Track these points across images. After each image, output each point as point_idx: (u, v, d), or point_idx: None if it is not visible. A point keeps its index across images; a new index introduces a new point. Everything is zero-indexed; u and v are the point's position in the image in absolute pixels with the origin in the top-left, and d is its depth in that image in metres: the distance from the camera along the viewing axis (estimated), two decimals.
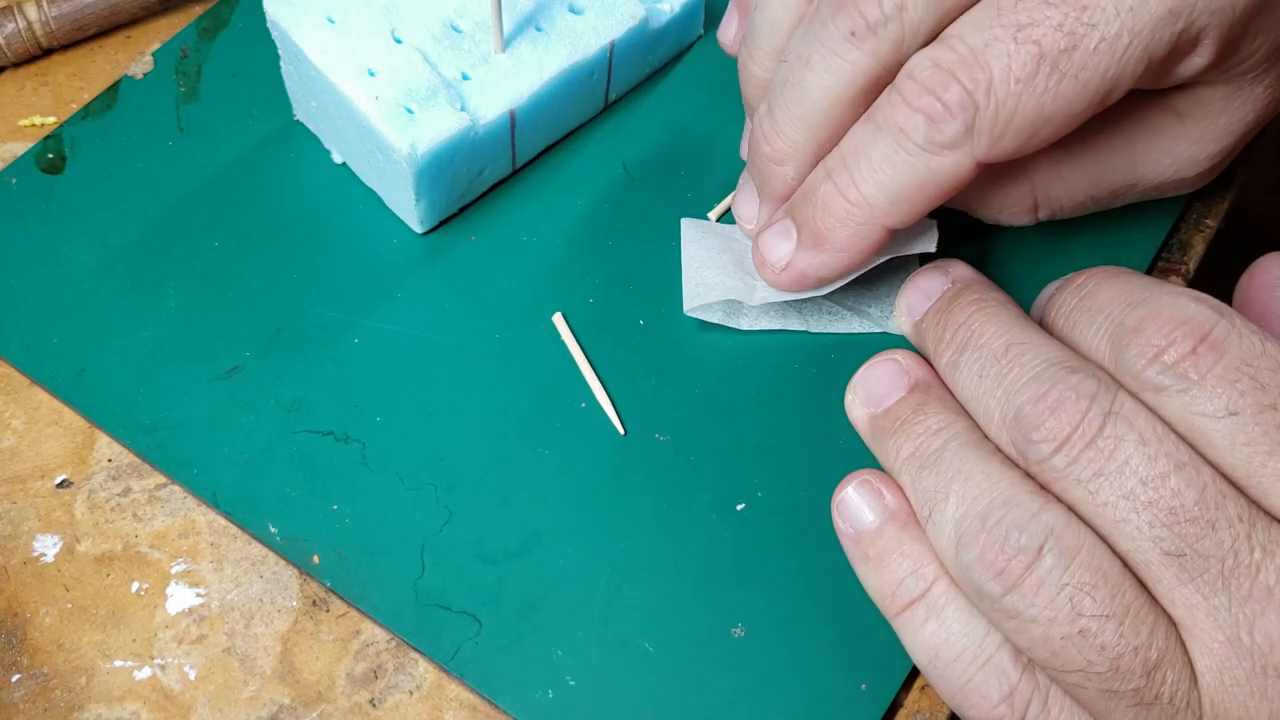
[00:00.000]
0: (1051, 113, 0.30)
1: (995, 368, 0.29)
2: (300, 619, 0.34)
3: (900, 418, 0.31)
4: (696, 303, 0.37)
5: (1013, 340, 0.30)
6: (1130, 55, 0.29)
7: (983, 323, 0.31)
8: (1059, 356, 0.29)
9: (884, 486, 0.31)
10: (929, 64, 0.30)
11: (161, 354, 0.38)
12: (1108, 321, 0.29)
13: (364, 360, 0.38)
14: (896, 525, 0.30)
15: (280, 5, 0.39)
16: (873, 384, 0.32)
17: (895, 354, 0.33)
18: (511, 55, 0.39)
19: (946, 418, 0.30)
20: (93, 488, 0.36)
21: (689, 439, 0.37)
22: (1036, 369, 0.28)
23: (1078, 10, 0.29)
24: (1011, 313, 0.31)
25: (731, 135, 0.43)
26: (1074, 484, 0.27)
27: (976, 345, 0.30)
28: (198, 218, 0.41)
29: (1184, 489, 0.26)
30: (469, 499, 0.36)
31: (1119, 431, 0.27)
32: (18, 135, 0.43)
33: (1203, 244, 0.42)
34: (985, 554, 0.27)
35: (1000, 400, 0.29)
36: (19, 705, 0.33)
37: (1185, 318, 0.27)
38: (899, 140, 0.31)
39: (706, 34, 0.45)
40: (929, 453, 0.30)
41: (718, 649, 0.33)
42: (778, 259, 0.35)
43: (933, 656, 0.29)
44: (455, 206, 0.41)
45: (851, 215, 0.33)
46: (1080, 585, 0.26)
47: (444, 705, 0.33)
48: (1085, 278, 0.31)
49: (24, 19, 0.44)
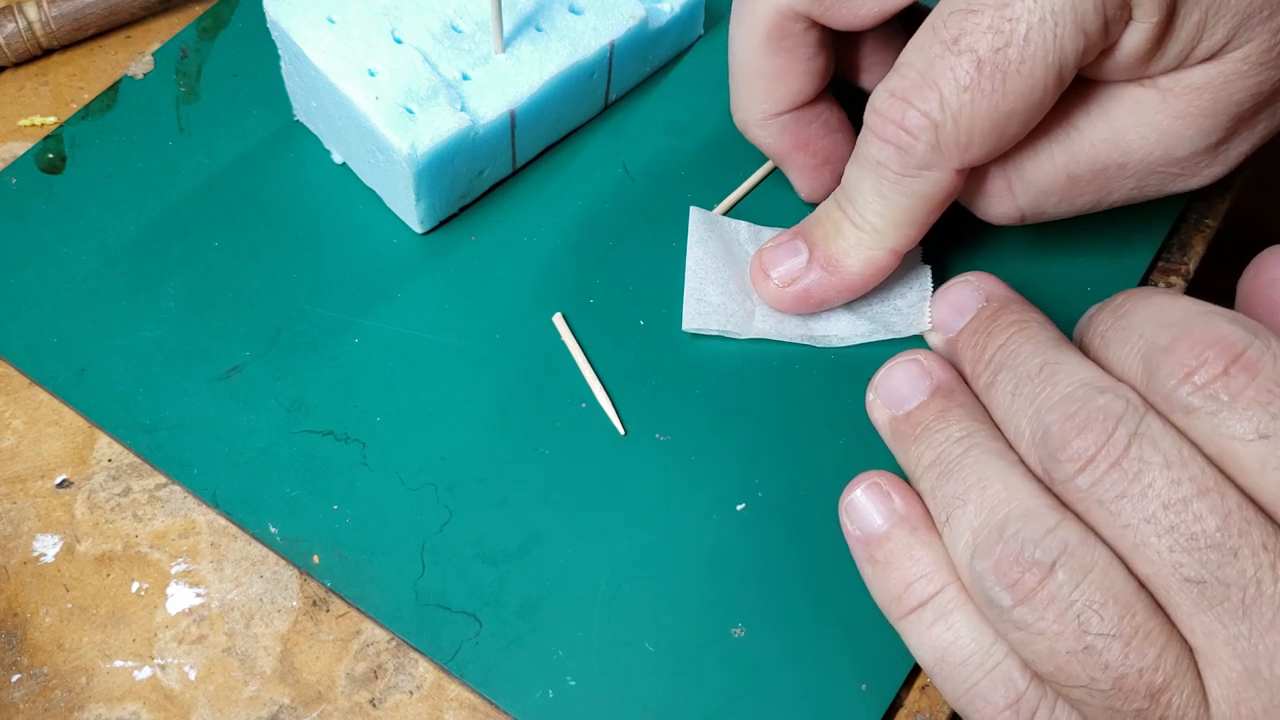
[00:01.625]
0: (1009, 108, 0.31)
1: (1028, 387, 0.29)
2: (300, 619, 0.34)
3: (922, 424, 0.31)
4: (695, 325, 0.38)
5: (1047, 360, 0.30)
6: (1062, 33, 0.30)
7: (1020, 343, 0.31)
8: (1091, 377, 0.28)
9: (893, 490, 0.31)
10: (886, 95, 0.32)
11: (161, 354, 0.38)
12: (1141, 341, 0.28)
13: (364, 360, 0.38)
14: (905, 529, 0.30)
15: (280, 5, 0.39)
16: (894, 385, 0.32)
17: (917, 354, 0.32)
18: (511, 55, 0.39)
19: (969, 425, 0.30)
20: (93, 488, 0.36)
21: (689, 439, 0.37)
22: (1068, 389, 0.28)
23: (999, 9, 0.30)
24: (1049, 334, 0.31)
25: (732, 135, 0.43)
26: (1096, 504, 0.27)
27: (1013, 365, 0.30)
28: (198, 218, 0.41)
29: (1207, 514, 0.26)
30: (469, 499, 0.36)
31: (1144, 454, 0.26)
32: (18, 135, 0.43)
33: (1203, 244, 0.42)
34: (999, 565, 0.27)
35: (1031, 419, 0.29)
36: (19, 705, 0.33)
37: (1217, 338, 0.27)
38: (880, 172, 0.33)
39: (706, 34, 0.45)
40: (950, 459, 0.30)
41: (718, 649, 0.33)
42: (783, 275, 0.37)
43: (939, 659, 0.29)
44: (455, 206, 0.41)
45: (862, 241, 0.35)
46: (1089, 603, 0.26)
47: (444, 705, 0.33)
48: (1123, 298, 0.30)
49: (24, 19, 0.44)
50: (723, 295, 0.38)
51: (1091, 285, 0.40)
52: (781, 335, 0.38)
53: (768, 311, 0.38)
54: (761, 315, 0.38)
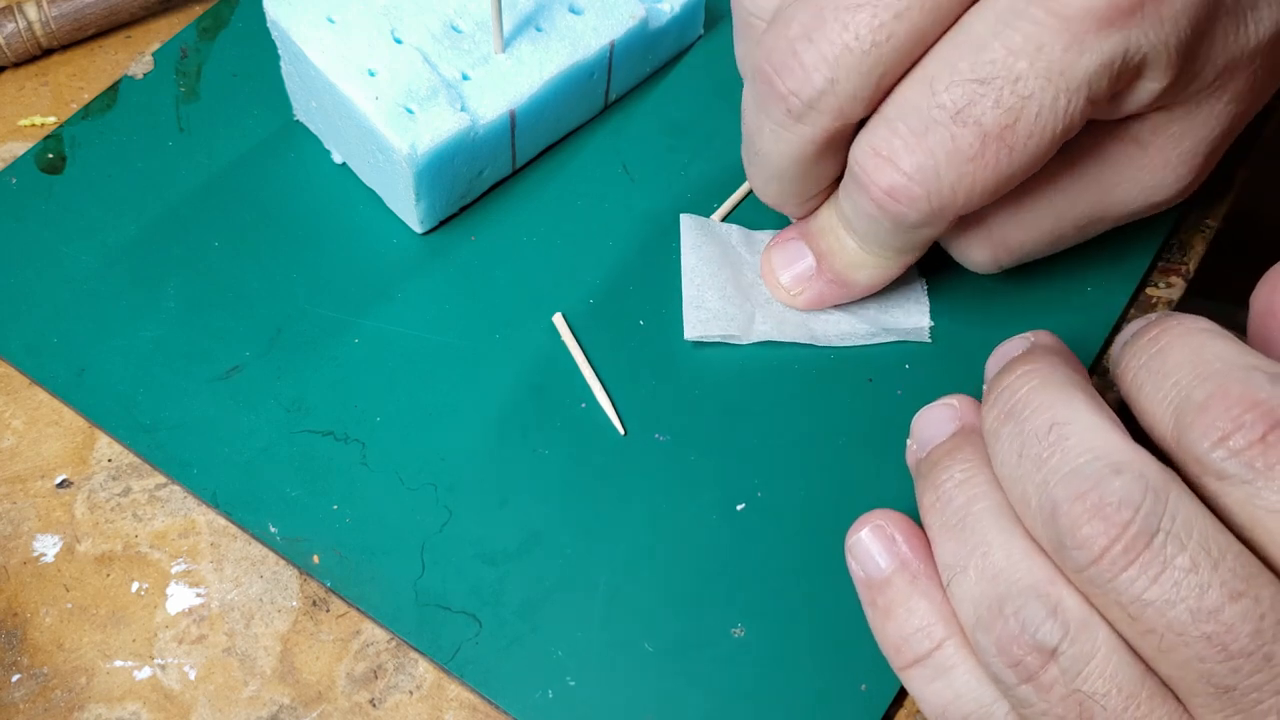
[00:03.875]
0: (1009, 174, 0.30)
1: (1035, 449, 0.27)
2: (300, 619, 0.34)
3: (932, 461, 0.30)
4: (697, 333, 0.38)
5: (1057, 419, 0.27)
6: (1073, 108, 0.29)
7: (1030, 391, 0.28)
8: (1105, 448, 0.26)
9: (898, 532, 0.30)
10: (871, 153, 0.31)
11: (161, 354, 0.38)
12: (1174, 390, 0.26)
13: (364, 360, 0.38)
14: (907, 576, 0.29)
15: (280, 5, 0.39)
16: (922, 426, 0.31)
17: (952, 399, 0.31)
18: (511, 55, 0.39)
19: (971, 470, 0.29)
20: (93, 488, 0.36)
21: (689, 439, 0.37)
22: (1079, 460, 0.26)
23: (1010, 84, 0.29)
24: (1065, 384, 0.28)
25: (731, 135, 0.43)
26: (1111, 603, 0.25)
27: (1019, 416, 0.28)
28: (198, 218, 0.41)
29: (1239, 622, 0.24)
30: (469, 499, 0.36)
31: (1167, 554, 0.24)
32: (18, 135, 0.43)
33: (1203, 244, 0.42)
34: (1000, 642, 0.26)
35: (1037, 488, 0.26)
36: (19, 705, 0.33)
37: (1256, 400, 0.25)
38: (875, 221, 0.32)
39: (706, 34, 0.45)
40: (951, 510, 0.28)
41: (718, 649, 0.33)
42: (791, 280, 0.37)
43: (940, 714, 0.29)
44: (455, 206, 0.41)
45: (868, 260, 0.35)
46: (1092, 693, 0.25)
47: (444, 705, 0.33)
48: (1159, 330, 0.28)
49: (24, 19, 0.44)
50: (722, 300, 0.38)
51: (1091, 285, 0.40)
52: (783, 336, 0.38)
53: (768, 313, 0.38)
54: (762, 317, 0.38)
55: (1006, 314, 0.39)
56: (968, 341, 0.39)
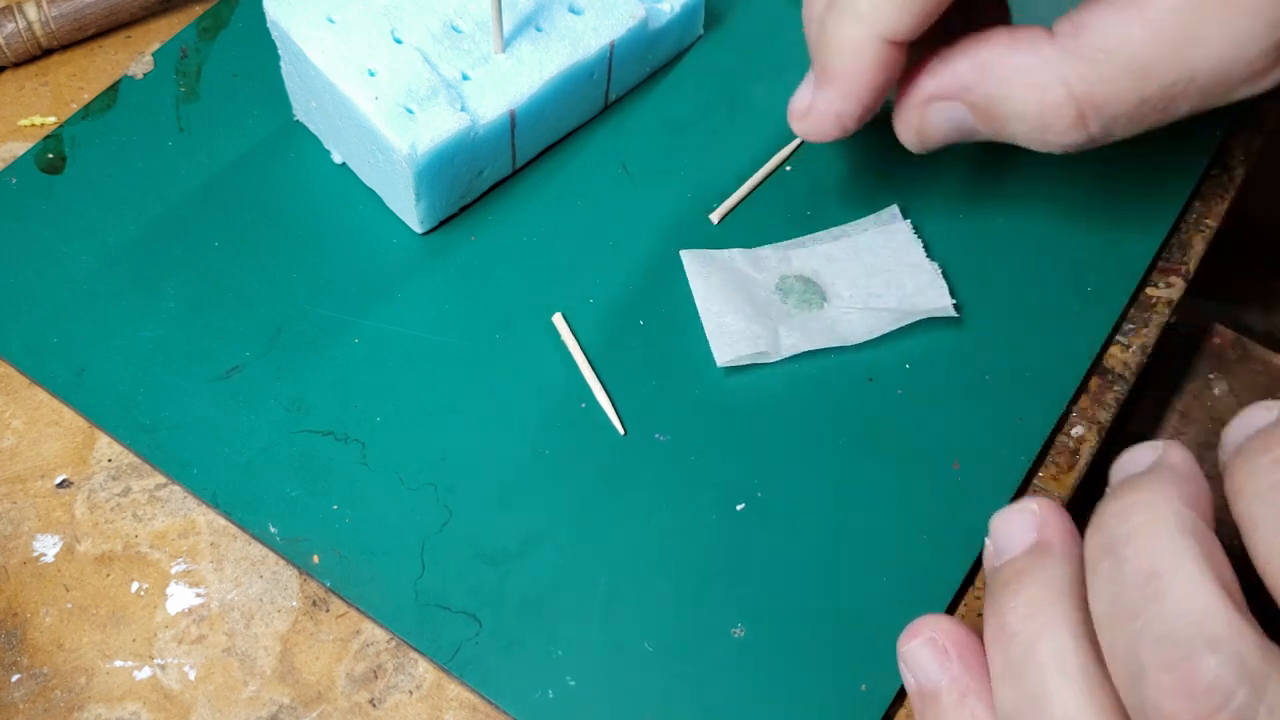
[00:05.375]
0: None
1: (1131, 596, 0.24)
2: (300, 619, 0.34)
3: (1003, 581, 0.27)
4: (728, 358, 0.37)
5: (1159, 568, 0.24)
6: None
7: (1137, 526, 0.25)
8: (1205, 614, 0.23)
9: (951, 646, 0.28)
10: None
11: (161, 354, 0.38)
12: None
13: (364, 360, 0.38)
14: (955, 694, 0.28)
15: (280, 5, 0.39)
16: (999, 530, 0.29)
17: (1033, 503, 0.29)
18: (511, 55, 0.39)
19: (1040, 602, 0.26)
20: (93, 488, 0.36)
21: (689, 439, 0.37)
22: (1174, 623, 0.23)
23: None
24: (1176, 526, 0.25)
25: (732, 135, 0.43)
26: None
27: (1120, 555, 0.25)
28: (198, 218, 0.41)
29: None
30: (469, 499, 0.36)
31: None
32: (18, 135, 0.43)
33: (1203, 244, 0.42)
34: None
35: (1127, 642, 0.24)
36: (19, 705, 0.33)
37: None
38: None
39: (706, 34, 0.45)
40: (1015, 645, 0.26)
41: (718, 649, 0.33)
42: (799, 104, 0.36)
43: None
44: (455, 206, 0.41)
45: (844, 28, 0.33)
46: None
47: (444, 705, 0.33)
48: None
49: (24, 19, 0.44)
50: (744, 320, 0.38)
51: (1091, 285, 0.40)
52: (812, 344, 0.38)
53: (792, 326, 0.38)
54: (786, 331, 0.38)
55: (1007, 314, 0.39)
56: (968, 342, 0.39)
